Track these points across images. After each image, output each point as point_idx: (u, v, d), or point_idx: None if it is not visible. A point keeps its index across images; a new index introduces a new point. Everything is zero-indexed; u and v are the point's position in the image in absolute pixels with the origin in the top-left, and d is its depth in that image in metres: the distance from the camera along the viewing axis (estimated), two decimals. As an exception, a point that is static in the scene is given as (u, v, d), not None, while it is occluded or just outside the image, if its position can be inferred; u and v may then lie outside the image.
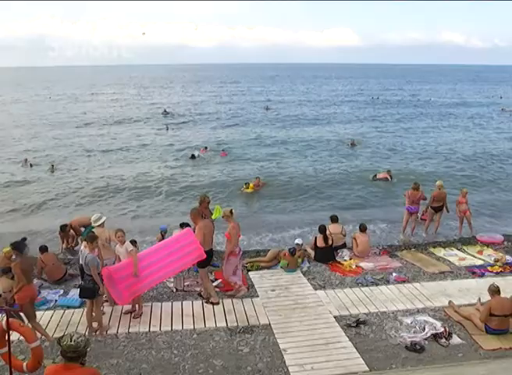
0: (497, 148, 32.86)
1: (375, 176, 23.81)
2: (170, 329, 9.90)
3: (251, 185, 21.89)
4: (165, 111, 52.14)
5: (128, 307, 10.61)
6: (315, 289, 11.71)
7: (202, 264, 10.97)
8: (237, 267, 11.42)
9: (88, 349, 5.44)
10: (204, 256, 10.62)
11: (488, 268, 13.01)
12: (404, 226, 16.26)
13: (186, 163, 28.78)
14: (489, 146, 33.78)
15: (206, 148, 31.71)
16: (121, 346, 9.26)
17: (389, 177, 23.25)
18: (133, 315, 10.40)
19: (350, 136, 36.32)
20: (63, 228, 14.67)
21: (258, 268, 12.96)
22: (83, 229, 14.11)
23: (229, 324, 10.06)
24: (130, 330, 9.84)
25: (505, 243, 15.02)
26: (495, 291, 9.66)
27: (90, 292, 9.52)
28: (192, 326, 9.97)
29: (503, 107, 57.70)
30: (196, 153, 30.41)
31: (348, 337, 9.48)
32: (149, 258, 10.37)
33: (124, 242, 10.29)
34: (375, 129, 41.87)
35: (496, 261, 13.41)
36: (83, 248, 9.65)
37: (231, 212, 11.28)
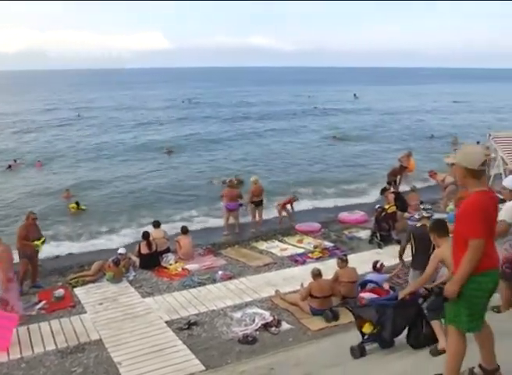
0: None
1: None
2: (-6, 362, 8.91)
3: (81, 206, 19.75)
4: None
5: None
6: (143, 297, 11.44)
7: None
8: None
9: None
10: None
11: (309, 255, 13.74)
12: (226, 224, 16.49)
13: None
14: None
15: (15, 160, 29.20)
16: None
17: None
18: None
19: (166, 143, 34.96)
20: None
21: (84, 283, 12.28)
22: None
23: (58, 346, 9.37)
24: None
25: (322, 230, 15.94)
26: (316, 274, 10.23)
27: None
28: (19, 355, 9.09)
29: (315, 106, 61.79)
30: (11, 163, 28.20)
31: (181, 339, 9.38)
32: None
33: None
34: (187, 133, 41.60)
35: (316, 247, 14.18)
36: None
37: None
